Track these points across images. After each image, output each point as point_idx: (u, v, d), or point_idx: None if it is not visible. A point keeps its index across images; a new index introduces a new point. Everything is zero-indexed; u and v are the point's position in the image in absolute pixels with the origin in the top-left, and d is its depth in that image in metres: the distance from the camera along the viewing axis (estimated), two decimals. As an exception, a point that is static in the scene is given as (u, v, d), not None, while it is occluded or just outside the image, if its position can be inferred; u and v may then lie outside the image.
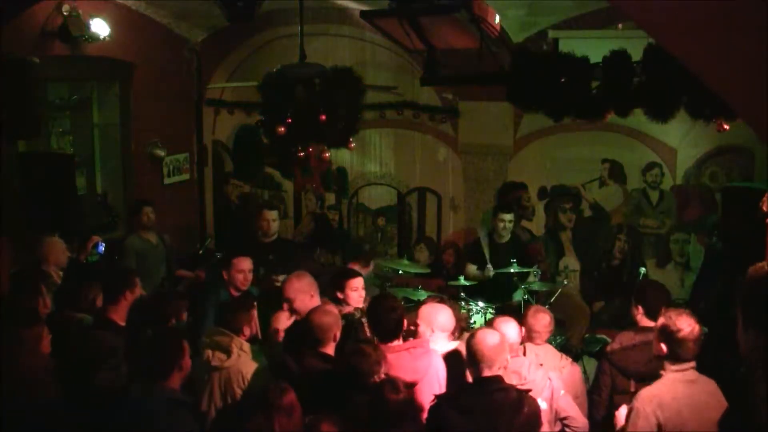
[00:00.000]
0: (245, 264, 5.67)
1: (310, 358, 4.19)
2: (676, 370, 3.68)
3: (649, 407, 3.60)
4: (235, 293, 5.61)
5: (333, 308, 4.49)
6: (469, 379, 3.83)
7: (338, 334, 4.32)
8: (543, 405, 4.01)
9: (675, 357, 3.69)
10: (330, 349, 4.29)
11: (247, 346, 4.53)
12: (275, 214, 6.78)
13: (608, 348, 4.67)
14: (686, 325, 3.66)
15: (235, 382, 4.38)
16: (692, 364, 3.69)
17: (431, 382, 4.20)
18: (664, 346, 3.70)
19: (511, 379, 3.88)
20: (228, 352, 4.42)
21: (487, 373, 3.69)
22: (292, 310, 4.85)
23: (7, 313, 4.28)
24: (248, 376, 4.40)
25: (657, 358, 3.84)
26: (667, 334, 3.69)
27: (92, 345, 3.85)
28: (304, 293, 4.84)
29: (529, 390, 3.82)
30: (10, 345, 3.92)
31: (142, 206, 7.16)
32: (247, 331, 4.60)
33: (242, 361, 4.45)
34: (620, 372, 4.44)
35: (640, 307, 4.56)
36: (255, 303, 4.92)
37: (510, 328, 4.33)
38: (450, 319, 4.57)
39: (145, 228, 7.11)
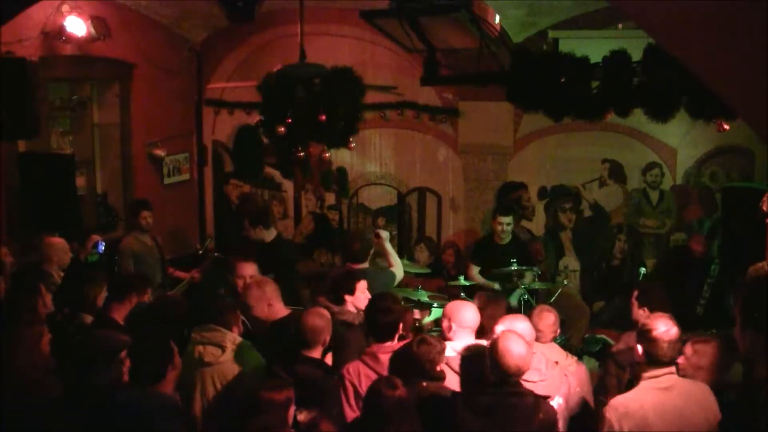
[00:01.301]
0: (247, 270, 5.51)
1: (299, 365, 4.17)
2: (650, 377, 3.62)
3: (614, 416, 3.55)
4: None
5: (326, 312, 4.46)
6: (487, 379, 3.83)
7: (328, 339, 4.29)
8: (560, 400, 4.01)
9: (649, 360, 3.62)
10: (317, 353, 4.26)
11: (240, 340, 4.51)
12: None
13: (614, 349, 4.65)
14: (662, 325, 3.60)
15: (232, 377, 4.35)
16: (669, 369, 3.62)
17: None
18: (640, 348, 3.65)
19: (531, 376, 3.86)
20: (222, 347, 4.38)
21: (509, 379, 3.67)
22: (251, 318, 4.81)
23: (6, 313, 4.29)
24: (246, 372, 4.36)
25: (634, 365, 3.81)
26: (642, 333, 3.65)
27: (93, 344, 3.85)
28: (263, 301, 4.78)
29: (548, 397, 3.80)
30: (9, 344, 3.92)
31: (141, 209, 7.09)
32: (235, 330, 4.57)
33: (237, 356, 4.40)
34: (625, 371, 4.43)
35: (645, 309, 4.56)
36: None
37: (524, 326, 4.31)
38: (476, 315, 4.53)
39: (142, 230, 7.06)
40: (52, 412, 3.59)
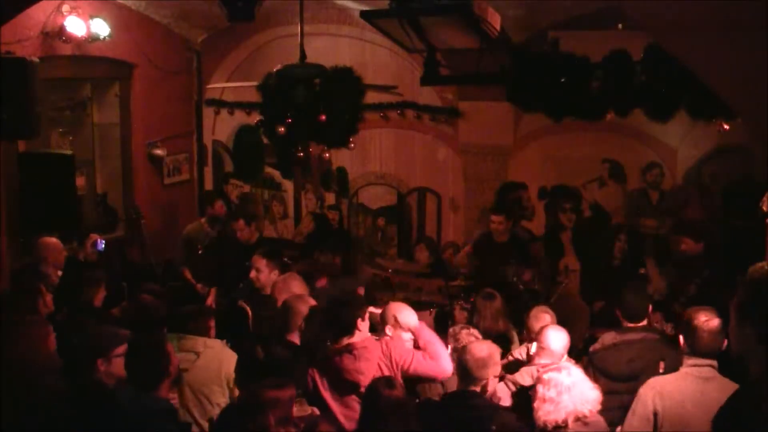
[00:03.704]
0: (259, 262, 5.67)
1: (276, 346, 4.32)
2: (692, 365, 3.68)
3: (650, 393, 3.63)
4: None
5: (312, 301, 4.62)
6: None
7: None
8: None
9: (691, 350, 3.69)
10: (296, 338, 4.45)
11: (212, 341, 4.59)
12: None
13: (591, 348, 4.67)
14: (702, 316, 3.69)
15: (209, 380, 4.43)
16: (709, 361, 3.67)
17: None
18: (681, 339, 3.74)
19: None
20: (196, 353, 4.46)
21: (469, 386, 3.72)
22: (274, 309, 4.98)
23: (7, 313, 4.28)
24: (223, 371, 4.44)
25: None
26: (684, 324, 3.75)
27: (94, 340, 3.85)
28: (287, 294, 4.94)
29: (506, 407, 3.82)
30: (13, 345, 3.91)
31: (216, 198, 7.88)
32: (212, 334, 4.68)
33: (210, 358, 4.48)
34: (602, 373, 4.42)
35: (618, 309, 4.61)
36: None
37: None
38: (413, 316, 4.57)
39: (214, 219, 7.64)
40: (58, 413, 3.58)
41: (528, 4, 7.11)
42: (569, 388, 3.71)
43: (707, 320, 3.66)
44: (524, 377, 4.28)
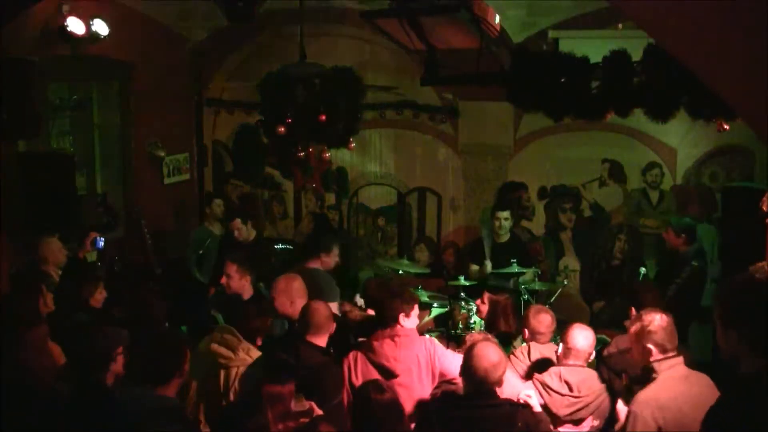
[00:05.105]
0: (229, 268, 5.52)
1: (303, 350, 4.26)
2: (669, 367, 3.63)
3: (648, 410, 3.50)
4: None
5: (333, 306, 4.58)
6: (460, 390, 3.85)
7: (334, 327, 4.42)
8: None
9: (662, 350, 3.62)
10: (322, 341, 4.36)
11: (255, 352, 4.52)
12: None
13: (605, 352, 4.65)
14: (655, 314, 3.65)
15: (231, 381, 4.40)
16: (678, 359, 3.63)
17: (411, 371, 4.27)
18: (650, 346, 3.63)
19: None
20: (234, 350, 4.44)
21: (480, 388, 3.68)
22: (271, 309, 4.93)
23: (7, 314, 4.28)
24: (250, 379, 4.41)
25: (644, 368, 3.80)
26: (645, 332, 3.63)
27: (93, 340, 3.84)
28: (285, 296, 4.91)
29: (526, 405, 3.80)
30: (15, 348, 3.90)
31: (212, 198, 8.14)
32: (259, 340, 4.62)
33: (243, 365, 4.45)
34: (618, 376, 4.42)
35: (634, 310, 4.57)
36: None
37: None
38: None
39: (213, 219, 7.88)
40: (62, 413, 3.58)
41: (528, 4, 7.12)
42: None
43: (660, 316, 3.62)
44: (552, 378, 4.26)
